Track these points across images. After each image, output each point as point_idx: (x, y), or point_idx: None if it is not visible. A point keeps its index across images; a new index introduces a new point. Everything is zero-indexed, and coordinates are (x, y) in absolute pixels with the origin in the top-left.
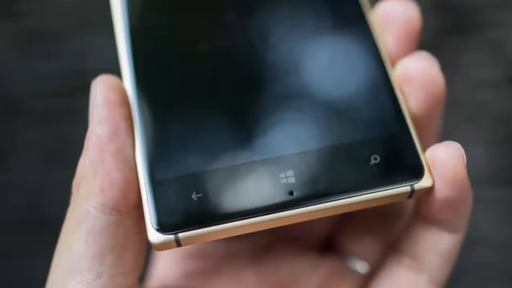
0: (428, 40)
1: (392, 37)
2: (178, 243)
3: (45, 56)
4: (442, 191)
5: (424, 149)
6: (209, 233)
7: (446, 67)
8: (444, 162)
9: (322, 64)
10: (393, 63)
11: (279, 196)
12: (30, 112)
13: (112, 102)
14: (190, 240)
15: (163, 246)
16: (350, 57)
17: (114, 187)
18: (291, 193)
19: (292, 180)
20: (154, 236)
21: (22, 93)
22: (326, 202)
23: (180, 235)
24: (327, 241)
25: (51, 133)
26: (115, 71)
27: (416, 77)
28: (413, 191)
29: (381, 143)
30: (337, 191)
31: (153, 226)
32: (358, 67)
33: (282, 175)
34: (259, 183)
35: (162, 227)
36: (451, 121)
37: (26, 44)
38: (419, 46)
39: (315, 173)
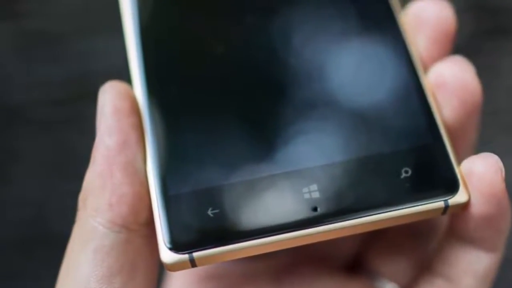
0: (463, 43)
1: (424, 40)
2: (193, 263)
3: (47, 60)
4: (478, 207)
5: (459, 162)
6: (226, 252)
7: (482, 72)
8: (480, 176)
9: (348, 69)
10: (426, 68)
11: (302, 212)
12: (31, 120)
13: (121, 110)
14: (206, 260)
15: (176, 266)
16: (378, 61)
17: (123, 202)
18: (315, 209)
19: (316, 195)
20: (167, 255)
21: (23, 100)
22: (352, 219)
23: (195, 254)
24: (354, 260)
25: (54, 143)
26: (124, 76)
27: (451, 83)
28: (447, 206)
29: (413, 155)
30: (365, 207)
31: (165, 245)
32: (387, 72)
33: (305, 189)
34: (280, 198)
35: (175, 246)
36: (488, 131)
37: (27, 47)
38: (454, 49)
39: (341, 187)
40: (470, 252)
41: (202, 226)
